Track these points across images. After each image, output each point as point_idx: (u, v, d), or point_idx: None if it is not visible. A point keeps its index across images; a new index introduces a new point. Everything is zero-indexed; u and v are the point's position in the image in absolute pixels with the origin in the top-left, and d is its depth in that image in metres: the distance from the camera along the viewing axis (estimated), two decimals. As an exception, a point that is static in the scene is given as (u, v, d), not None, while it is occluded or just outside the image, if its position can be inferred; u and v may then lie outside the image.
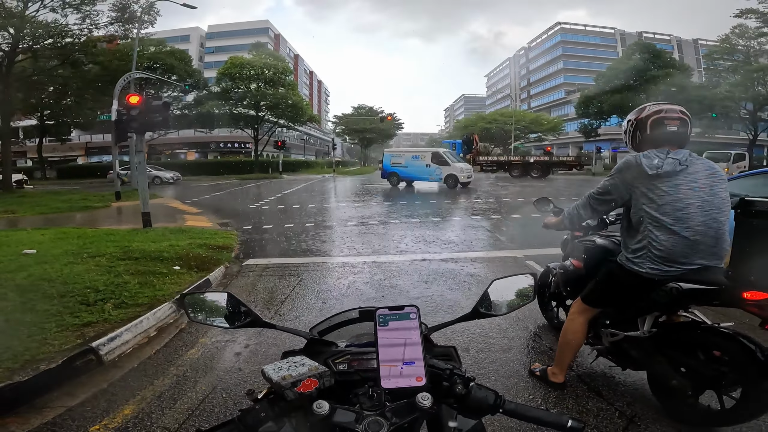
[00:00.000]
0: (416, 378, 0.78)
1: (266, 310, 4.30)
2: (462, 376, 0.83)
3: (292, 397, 0.76)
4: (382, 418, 0.74)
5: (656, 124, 2.19)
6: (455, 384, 0.81)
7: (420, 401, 0.74)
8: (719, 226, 2.06)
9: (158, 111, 8.05)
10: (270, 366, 0.85)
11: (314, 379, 0.80)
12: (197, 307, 1.13)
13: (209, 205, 14.71)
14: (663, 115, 2.18)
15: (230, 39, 65.49)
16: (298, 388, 0.77)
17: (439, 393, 0.80)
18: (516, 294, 1.13)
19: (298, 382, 0.79)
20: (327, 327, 1.22)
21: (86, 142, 51.90)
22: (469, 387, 0.81)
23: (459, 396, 0.80)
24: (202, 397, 2.71)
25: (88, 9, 21.91)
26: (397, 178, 22.70)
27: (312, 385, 0.79)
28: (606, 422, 2.35)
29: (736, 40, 34.01)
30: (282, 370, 0.83)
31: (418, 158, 22.21)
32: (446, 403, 0.81)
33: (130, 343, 3.46)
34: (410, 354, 0.80)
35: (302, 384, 0.78)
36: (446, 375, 0.83)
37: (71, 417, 2.52)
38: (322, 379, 0.81)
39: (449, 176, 20.85)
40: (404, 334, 0.83)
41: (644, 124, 2.23)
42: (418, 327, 0.83)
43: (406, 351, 0.81)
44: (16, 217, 11.87)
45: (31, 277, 4.65)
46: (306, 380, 0.79)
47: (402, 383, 0.78)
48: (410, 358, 0.80)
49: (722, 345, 2.05)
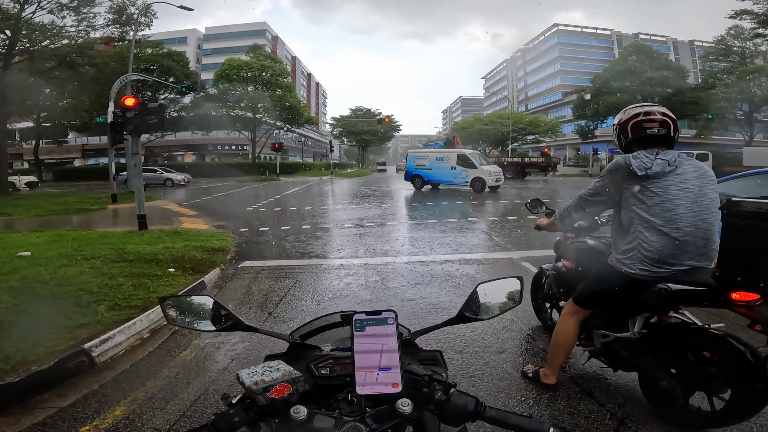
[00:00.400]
0: (392, 384, 0.77)
1: (261, 313, 4.30)
2: (442, 382, 0.81)
3: (263, 402, 0.75)
4: (361, 423, 0.73)
5: (636, 127, 2.22)
6: (435, 390, 0.79)
7: (400, 407, 0.73)
8: (708, 227, 2.07)
9: (154, 113, 8.04)
10: (246, 370, 0.84)
11: (287, 385, 0.79)
12: (177, 310, 1.11)
13: (205, 208, 14.69)
14: (641, 118, 2.21)
15: (227, 41, 65.50)
16: (270, 394, 0.77)
17: (420, 399, 0.79)
18: (503, 297, 1.11)
19: (270, 387, 0.79)
20: (309, 330, 1.21)
21: (83, 144, 51.78)
22: (449, 393, 0.79)
23: (439, 402, 0.78)
24: (194, 399, 2.70)
25: (85, 11, 21.91)
26: (421, 181, 21.61)
27: (285, 390, 0.78)
28: (597, 424, 2.35)
29: (731, 41, 34.20)
30: (256, 374, 0.83)
31: (442, 160, 20.77)
32: (427, 409, 0.80)
33: (123, 345, 3.45)
34: (386, 360, 0.79)
35: (274, 389, 0.78)
36: (425, 381, 0.81)
37: (62, 418, 2.52)
38: (296, 385, 0.81)
39: (476, 179, 19.33)
40: (381, 339, 0.81)
41: (625, 127, 2.26)
42: (395, 332, 0.81)
43: (382, 357, 0.79)
44: (11, 220, 11.82)
45: (25, 279, 4.64)
46: (279, 386, 0.79)
47: (377, 390, 0.77)
48: (387, 364, 0.79)
49: (712, 346, 2.05)
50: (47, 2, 20.62)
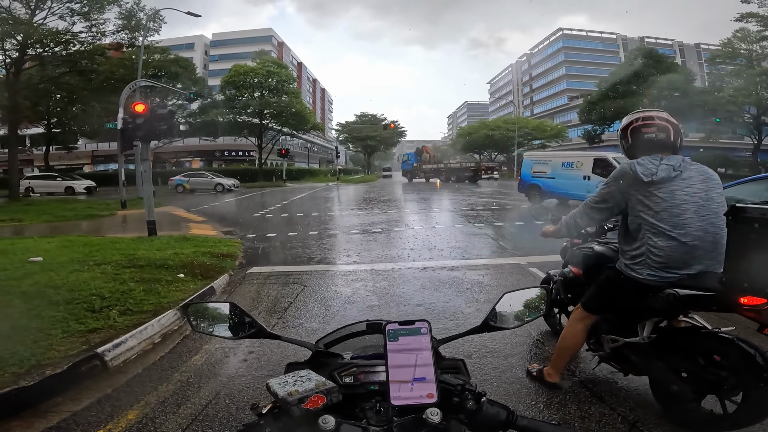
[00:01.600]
0: (427, 395, 0.76)
1: (270, 318, 4.33)
2: (473, 392, 0.80)
3: (298, 413, 0.73)
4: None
5: (634, 132, 2.25)
6: (466, 399, 0.78)
7: (429, 417, 0.72)
8: (717, 231, 2.08)
9: (163, 119, 8.14)
10: (275, 380, 0.83)
11: (322, 396, 0.78)
12: (201, 316, 1.11)
13: (213, 214, 14.79)
14: (639, 123, 2.23)
15: (234, 47, 66.04)
16: (305, 405, 0.75)
17: (449, 408, 0.77)
18: (527, 306, 1.10)
19: (306, 398, 0.76)
20: (334, 339, 1.20)
21: (92, 150, 52.33)
22: (480, 402, 0.78)
23: (470, 412, 0.77)
24: (206, 403, 2.73)
25: (96, 17, 22.18)
26: (540, 194, 15.85)
27: (319, 401, 0.76)
28: (609, 427, 2.35)
29: (738, 43, 33.98)
30: (288, 384, 0.81)
31: (571, 166, 14.96)
32: (456, 418, 0.78)
33: (135, 350, 3.49)
34: (421, 371, 0.78)
35: (309, 400, 0.76)
36: (457, 391, 0.80)
37: (75, 421, 2.55)
38: (330, 395, 0.79)
39: None
40: (415, 349, 0.80)
41: (625, 132, 2.28)
42: (429, 343, 0.80)
43: (416, 368, 0.78)
44: (22, 225, 11.97)
45: (38, 284, 4.70)
46: (313, 396, 0.77)
47: (413, 400, 0.75)
48: (421, 374, 0.77)
49: (722, 350, 2.06)
50: (58, 7, 20.92)
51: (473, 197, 19.83)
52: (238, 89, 40.22)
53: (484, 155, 63.60)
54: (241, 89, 40.30)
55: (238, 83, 40.06)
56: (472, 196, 20.60)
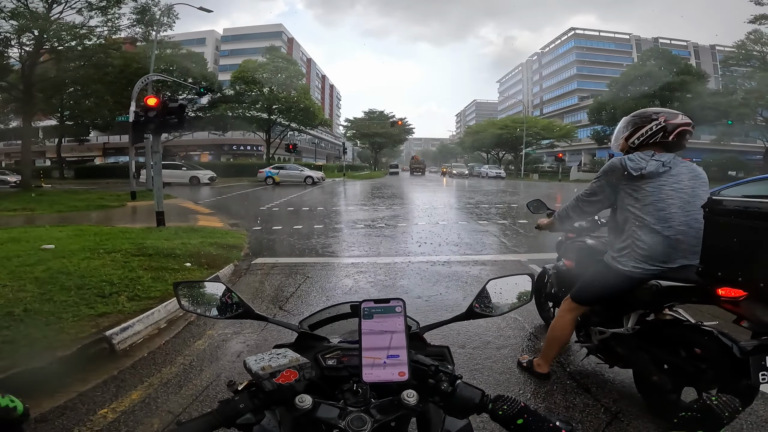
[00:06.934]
0: (399, 372, 0.77)
1: (272, 306, 4.46)
2: (448, 374, 0.80)
3: (270, 387, 0.75)
4: (366, 414, 0.73)
5: (681, 135, 2.26)
6: (441, 381, 0.78)
7: (405, 398, 0.73)
8: (700, 226, 2.14)
9: (174, 113, 8.27)
10: (252, 357, 0.84)
11: (294, 371, 0.79)
12: (190, 295, 1.11)
13: (221, 206, 14.98)
14: (689, 128, 2.25)
15: (245, 42, 66.40)
16: (277, 379, 0.76)
17: (425, 390, 0.78)
18: (513, 294, 1.08)
19: (277, 372, 0.78)
20: (318, 320, 1.21)
21: (104, 142, 52.97)
22: (455, 385, 0.78)
23: (445, 394, 0.77)
24: (206, 385, 2.85)
25: (112, 11, 22.42)
26: None
27: (291, 376, 0.78)
28: (591, 417, 2.44)
29: (751, 45, 33.54)
30: (263, 360, 0.83)
31: None
32: (432, 401, 0.79)
33: (142, 334, 3.63)
34: (394, 348, 0.79)
35: (281, 375, 0.78)
36: (431, 371, 0.80)
37: (81, 401, 2.66)
38: (303, 371, 0.80)
39: None
40: (389, 327, 0.80)
41: (670, 134, 2.27)
42: (403, 320, 0.81)
43: (390, 344, 0.79)
44: (34, 215, 12.23)
45: (50, 270, 4.86)
46: (285, 371, 0.79)
47: (384, 377, 0.77)
48: (394, 351, 0.78)
49: (702, 342, 2.12)
50: (76, 1, 21.19)
51: (478, 195, 19.82)
52: (247, 84, 40.41)
53: (491, 154, 63.49)
54: (251, 84, 40.49)
55: (247, 79, 40.25)
56: (476, 195, 20.58)
